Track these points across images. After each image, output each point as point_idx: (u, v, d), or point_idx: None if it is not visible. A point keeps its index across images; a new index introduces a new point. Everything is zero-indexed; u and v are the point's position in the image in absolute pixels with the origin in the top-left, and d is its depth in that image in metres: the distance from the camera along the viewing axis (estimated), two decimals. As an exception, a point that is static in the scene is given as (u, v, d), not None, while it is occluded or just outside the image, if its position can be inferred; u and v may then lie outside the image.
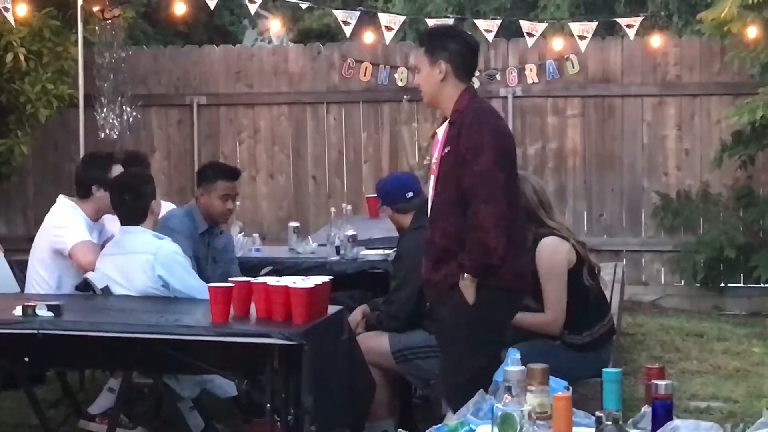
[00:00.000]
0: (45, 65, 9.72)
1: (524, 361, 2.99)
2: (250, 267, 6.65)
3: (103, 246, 5.93)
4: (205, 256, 6.36)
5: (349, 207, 8.46)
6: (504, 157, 4.65)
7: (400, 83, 10.85)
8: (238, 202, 6.66)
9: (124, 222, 5.81)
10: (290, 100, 11.17)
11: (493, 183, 4.56)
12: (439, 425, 2.77)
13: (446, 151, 4.72)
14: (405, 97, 10.69)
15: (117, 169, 6.18)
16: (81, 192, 6.14)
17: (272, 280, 5.07)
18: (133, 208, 5.79)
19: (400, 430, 2.93)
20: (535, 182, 5.58)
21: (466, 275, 4.62)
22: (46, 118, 9.75)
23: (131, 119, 10.39)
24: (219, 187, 6.37)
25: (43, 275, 6.02)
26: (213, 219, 6.41)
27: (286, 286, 4.88)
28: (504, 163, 4.64)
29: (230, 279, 5.15)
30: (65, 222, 6.03)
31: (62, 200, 6.19)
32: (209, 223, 6.41)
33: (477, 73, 10.63)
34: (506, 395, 2.69)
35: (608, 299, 6.05)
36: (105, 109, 10.19)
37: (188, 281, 5.60)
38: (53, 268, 6.00)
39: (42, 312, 4.96)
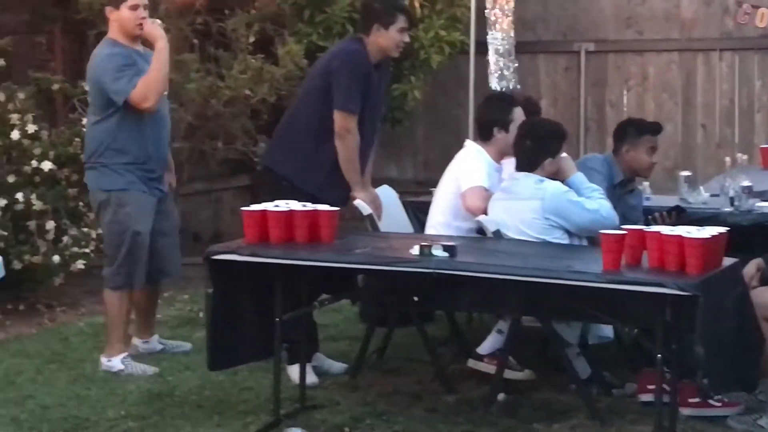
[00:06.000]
0: (438, 12, 9.94)
1: None
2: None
3: None
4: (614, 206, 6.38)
5: (745, 157, 8.17)
6: None
7: (797, 30, 10.34)
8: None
9: (518, 167, 5.88)
10: (681, 47, 10.91)
11: None
12: None
13: None
14: (803, 45, 10.19)
15: (518, 112, 6.23)
16: (483, 134, 6.24)
17: (666, 230, 4.97)
18: (526, 154, 5.85)
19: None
20: None
21: None
22: (438, 64, 9.98)
23: (515, 67, 10.47)
24: (645, 141, 6.56)
25: (444, 216, 6.17)
26: (637, 173, 6.62)
27: (681, 236, 4.76)
28: None
29: (622, 227, 5.10)
30: (468, 165, 6.13)
31: (469, 144, 6.32)
32: (626, 176, 6.56)
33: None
34: None
35: None
36: (495, 58, 10.30)
37: (583, 219, 5.67)
38: (453, 209, 6.14)
39: (438, 252, 5.05)
